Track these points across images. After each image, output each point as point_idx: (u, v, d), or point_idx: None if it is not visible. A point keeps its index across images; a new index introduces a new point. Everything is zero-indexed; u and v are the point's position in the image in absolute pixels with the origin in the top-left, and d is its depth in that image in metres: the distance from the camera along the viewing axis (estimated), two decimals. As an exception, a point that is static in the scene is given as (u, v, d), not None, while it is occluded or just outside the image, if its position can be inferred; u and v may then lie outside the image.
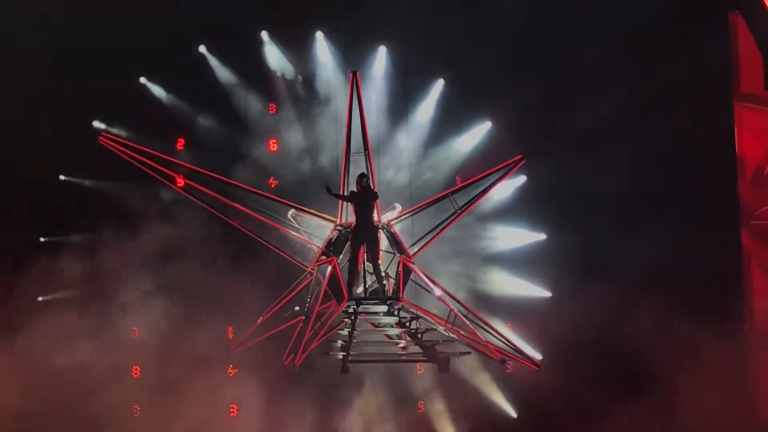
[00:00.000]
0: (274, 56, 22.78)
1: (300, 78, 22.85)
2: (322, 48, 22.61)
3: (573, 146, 22.58)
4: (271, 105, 22.84)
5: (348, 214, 19.21)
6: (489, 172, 19.88)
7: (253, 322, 19.60)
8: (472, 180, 19.96)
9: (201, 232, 22.04)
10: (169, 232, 22.19)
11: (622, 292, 22.27)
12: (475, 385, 22.69)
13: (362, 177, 19.06)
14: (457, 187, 19.99)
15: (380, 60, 22.50)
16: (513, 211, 22.75)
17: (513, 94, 22.54)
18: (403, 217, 19.67)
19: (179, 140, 22.62)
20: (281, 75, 22.76)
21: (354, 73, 19.76)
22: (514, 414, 22.87)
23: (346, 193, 19.22)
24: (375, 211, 19.16)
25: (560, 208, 22.68)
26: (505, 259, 22.84)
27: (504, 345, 19.45)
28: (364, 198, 18.99)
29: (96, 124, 22.39)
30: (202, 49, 22.75)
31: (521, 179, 22.49)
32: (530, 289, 22.74)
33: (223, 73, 22.72)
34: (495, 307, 22.12)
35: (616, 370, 22.51)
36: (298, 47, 22.74)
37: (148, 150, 19.58)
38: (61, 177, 22.80)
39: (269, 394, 22.17)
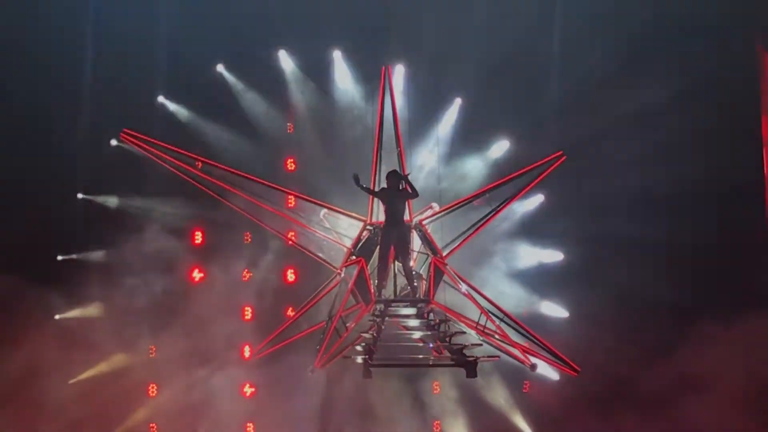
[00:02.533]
0: (292, 73, 22.84)
1: (318, 93, 22.86)
2: (340, 66, 22.70)
3: (590, 163, 22.61)
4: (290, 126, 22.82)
5: (380, 214, 18.88)
6: (528, 168, 19.65)
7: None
8: (510, 176, 19.74)
9: (223, 243, 22.02)
10: (187, 247, 22.29)
11: (640, 311, 22.37)
12: (493, 403, 22.50)
13: (392, 174, 18.73)
14: (493, 185, 19.76)
15: (399, 78, 22.52)
16: (530, 230, 22.66)
17: (530, 110, 22.70)
18: (436, 217, 19.43)
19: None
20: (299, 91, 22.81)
21: (386, 68, 19.80)
22: (532, 434, 22.65)
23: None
24: (406, 210, 18.85)
25: (577, 226, 22.62)
26: (523, 276, 22.67)
27: (540, 349, 19.17)
28: (395, 195, 18.58)
29: (114, 142, 22.26)
30: (220, 68, 22.81)
31: (539, 198, 22.45)
32: (548, 308, 22.61)
33: (241, 89, 22.75)
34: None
35: (630, 391, 22.41)
36: (316, 65, 22.76)
37: (169, 146, 19.56)
38: (79, 195, 22.65)
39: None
